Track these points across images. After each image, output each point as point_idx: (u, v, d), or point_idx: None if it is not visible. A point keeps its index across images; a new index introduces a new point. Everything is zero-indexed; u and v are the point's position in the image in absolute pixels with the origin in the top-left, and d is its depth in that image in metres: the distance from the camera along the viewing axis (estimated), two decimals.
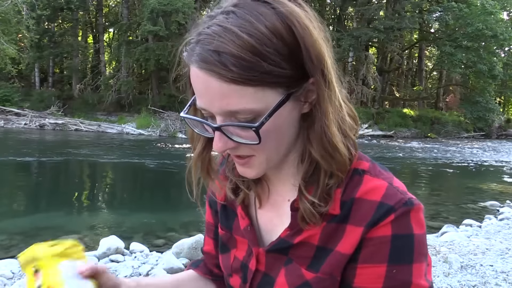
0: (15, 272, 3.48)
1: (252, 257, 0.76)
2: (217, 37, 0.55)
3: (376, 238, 0.62)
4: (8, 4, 20.93)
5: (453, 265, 3.68)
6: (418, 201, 0.65)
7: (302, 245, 0.68)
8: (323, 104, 0.60)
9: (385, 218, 0.62)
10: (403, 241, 0.62)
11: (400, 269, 0.61)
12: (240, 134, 0.60)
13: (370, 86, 29.51)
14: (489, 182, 10.78)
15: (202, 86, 0.57)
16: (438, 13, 27.89)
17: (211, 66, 0.55)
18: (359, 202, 0.64)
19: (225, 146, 0.61)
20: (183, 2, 21.39)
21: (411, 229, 0.63)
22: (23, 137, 16.97)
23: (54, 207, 6.51)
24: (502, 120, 32.90)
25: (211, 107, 0.58)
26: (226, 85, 0.55)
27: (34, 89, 27.31)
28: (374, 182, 0.65)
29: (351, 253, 0.64)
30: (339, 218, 0.65)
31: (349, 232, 0.64)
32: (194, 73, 0.58)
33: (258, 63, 0.54)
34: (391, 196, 0.63)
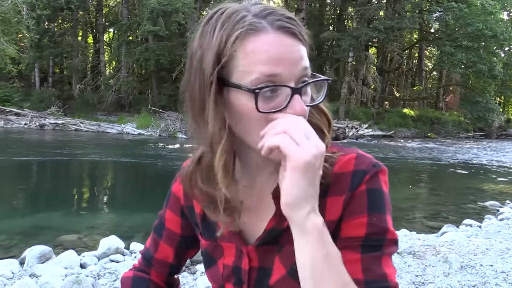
0: (15, 272, 3.48)
1: (243, 257, 0.77)
2: (281, 9, 0.66)
3: (356, 195, 0.71)
4: (8, 4, 20.92)
5: (453, 265, 3.68)
6: (383, 165, 0.74)
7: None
8: None
9: (363, 180, 0.71)
10: (376, 194, 0.71)
11: (378, 217, 0.70)
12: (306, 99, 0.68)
13: (370, 86, 29.50)
14: (489, 182, 10.78)
15: (286, 49, 0.64)
16: (438, 13, 27.88)
17: (296, 28, 0.65)
18: (335, 176, 0.72)
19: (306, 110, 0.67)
20: (183, 2, 21.39)
21: (381, 186, 0.72)
22: (23, 137, 16.97)
23: (54, 207, 6.51)
24: (502, 120, 32.88)
25: (293, 69, 0.64)
26: (304, 48, 0.66)
27: (34, 89, 27.31)
28: (344, 158, 0.74)
29: (337, 218, 0.71)
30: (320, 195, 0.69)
31: (332, 203, 0.72)
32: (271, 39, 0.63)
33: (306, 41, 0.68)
34: (361, 162, 0.73)
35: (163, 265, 0.94)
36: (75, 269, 3.55)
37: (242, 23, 0.63)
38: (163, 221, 0.93)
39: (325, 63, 31.11)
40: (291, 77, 0.64)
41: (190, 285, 3.29)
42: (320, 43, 30.21)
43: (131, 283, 0.92)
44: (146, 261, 0.96)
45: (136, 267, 0.98)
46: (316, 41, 29.34)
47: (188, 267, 3.74)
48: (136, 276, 0.94)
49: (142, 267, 0.96)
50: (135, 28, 25.98)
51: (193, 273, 3.61)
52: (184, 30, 24.16)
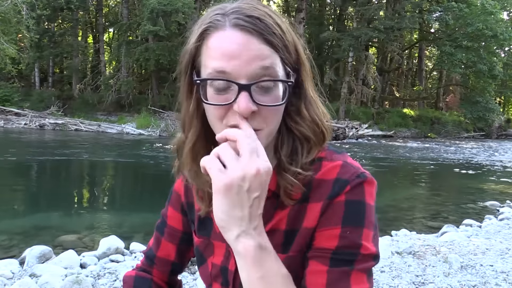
0: (15, 272, 3.48)
1: (230, 258, 0.78)
2: (258, 7, 0.65)
3: (333, 204, 0.70)
4: (8, 4, 20.92)
5: (453, 265, 3.68)
6: (372, 176, 0.72)
7: (273, 233, 0.72)
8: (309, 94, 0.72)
9: (343, 190, 0.70)
10: (355, 206, 0.69)
11: (352, 230, 0.68)
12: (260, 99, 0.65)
13: (370, 86, 29.50)
14: (489, 182, 10.78)
15: (239, 47, 0.63)
16: (438, 13, 27.88)
17: (254, 26, 0.63)
18: (318, 182, 0.72)
19: (251, 108, 0.64)
20: (183, 2, 21.38)
21: (363, 197, 0.70)
22: (23, 137, 16.96)
23: (54, 207, 6.51)
24: (502, 120, 32.89)
25: (242, 68, 0.63)
26: (266, 47, 0.64)
27: (34, 89, 27.31)
28: (330, 164, 0.73)
29: (314, 225, 0.71)
30: (301, 199, 0.71)
31: (311, 209, 0.71)
32: (226, 36, 0.63)
33: (286, 41, 0.66)
34: (346, 172, 0.72)
35: (165, 264, 0.94)
36: (75, 269, 3.55)
37: (208, 20, 0.66)
38: (165, 218, 0.93)
39: (325, 63, 31.10)
40: (242, 74, 0.63)
41: (190, 285, 3.29)
42: (320, 43, 30.22)
43: (133, 283, 0.92)
44: (149, 260, 0.96)
45: (138, 267, 0.98)
46: (316, 41, 29.39)
47: (188, 267, 3.74)
48: (138, 275, 0.94)
49: (145, 266, 0.96)
50: (135, 28, 25.98)
51: (193, 273, 3.61)
52: (184, 30, 24.14)
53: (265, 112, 0.65)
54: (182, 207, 0.90)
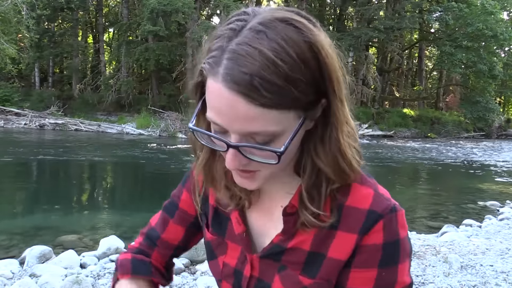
0: (15, 272, 3.48)
1: (246, 264, 0.76)
2: (250, 59, 0.54)
3: (369, 245, 0.67)
4: (8, 4, 20.92)
5: (453, 265, 3.68)
6: (400, 206, 0.70)
7: (294, 251, 0.71)
8: (338, 123, 0.63)
9: (375, 224, 0.67)
10: (392, 248, 0.68)
11: (388, 271, 0.68)
12: (254, 153, 0.60)
13: (370, 86, 29.51)
14: (489, 182, 10.78)
15: (226, 105, 0.56)
16: (438, 13, 27.88)
17: (242, 88, 0.54)
18: (349, 209, 0.68)
19: (240, 164, 0.61)
20: (183, 2, 21.38)
21: (398, 234, 0.68)
22: (23, 137, 16.96)
23: (54, 207, 6.51)
24: (502, 120, 32.89)
25: (230, 126, 0.57)
26: (254, 108, 0.54)
27: (34, 89, 27.31)
28: (362, 190, 0.69)
29: (346, 259, 0.68)
30: (329, 224, 0.68)
31: (340, 238, 0.68)
32: (216, 89, 0.56)
33: (289, 89, 0.55)
34: (378, 204, 0.68)
35: (169, 247, 0.90)
36: (75, 269, 3.55)
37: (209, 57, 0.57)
38: (177, 201, 0.88)
39: None
40: (233, 130, 0.58)
41: (190, 285, 3.29)
42: None
43: (132, 267, 0.85)
44: (149, 240, 0.91)
45: (134, 248, 0.92)
46: None
47: (188, 267, 3.74)
48: (136, 259, 0.88)
49: (143, 247, 0.91)
50: (135, 28, 25.99)
51: (193, 273, 3.61)
52: (184, 30, 24.16)
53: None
54: (194, 190, 0.85)
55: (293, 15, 0.60)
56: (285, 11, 0.60)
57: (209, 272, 3.58)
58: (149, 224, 0.94)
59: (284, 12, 0.59)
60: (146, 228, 0.93)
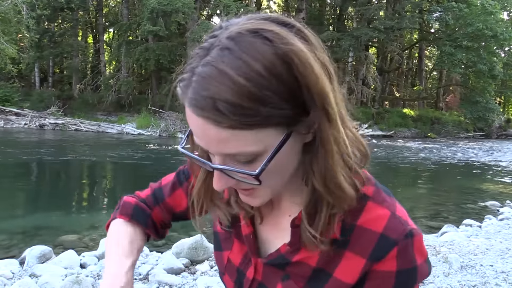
0: (15, 272, 3.48)
1: (250, 266, 0.75)
2: (211, 81, 0.51)
3: (381, 272, 0.63)
4: (8, 4, 20.93)
5: (453, 265, 3.68)
6: (418, 229, 0.65)
7: (299, 264, 0.69)
8: (325, 142, 0.56)
9: (388, 252, 0.62)
10: (406, 275, 0.64)
11: None
12: (236, 174, 0.58)
13: (370, 86, 29.51)
14: (489, 182, 10.78)
15: (198, 129, 0.55)
16: (438, 13, 27.89)
17: (206, 113, 0.52)
18: (360, 230, 0.64)
19: (226, 185, 0.60)
20: (183, 2, 21.38)
21: (414, 261, 0.63)
22: (23, 137, 16.96)
23: (54, 207, 6.51)
24: (502, 120, 32.91)
25: (209, 148, 0.56)
26: (223, 131, 0.52)
27: (34, 89, 27.31)
28: (377, 210, 0.65)
29: (353, 283, 0.65)
30: (338, 243, 0.65)
31: (348, 259, 0.65)
32: (188, 114, 0.55)
33: (256, 108, 0.51)
34: (393, 228, 0.63)
35: (170, 211, 0.90)
36: (75, 269, 3.55)
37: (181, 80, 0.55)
38: (191, 172, 0.83)
39: None
40: (212, 152, 0.57)
41: (190, 285, 3.29)
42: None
43: (132, 211, 0.88)
44: (154, 198, 0.91)
45: (140, 197, 0.92)
46: None
47: (188, 267, 3.74)
48: (138, 205, 0.89)
49: (148, 201, 0.91)
50: (135, 28, 25.99)
51: (193, 273, 3.61)
52: (184, 30, 24.17)
53: None
54: None
55: (266, 23, 0.54)
56: (258, 21, 0.54)
57: (209, 272, 3.58)
58: (160, 181, 0.93)
59: (257, 22, 0.54)
60: (156, 184, 0.93)
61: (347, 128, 0.60)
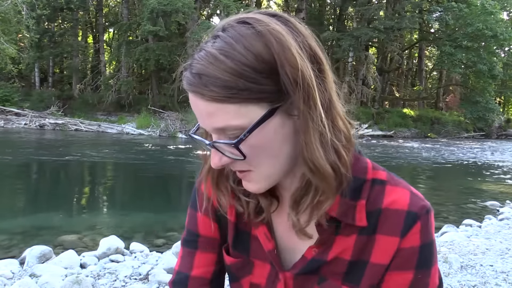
0: (15, 272, 3.48)
1: (278, 282, 0.72)
2: (200, 61, 0.58)
3: (406, 248, 0.67)
4: (8, 4, 20.93)
5: (453, 265, 3.68)
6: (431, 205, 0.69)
7: (335, 261, 0.69)
8: (302, 121, 0.59)
9: (413, 226, 0.66)
10: (428, 250, 0.68)
11: (424, 273, 0.68)
12: (230, 151, 0.61)
13: (370, 86, 29.50)
14: (489, 182, 10.78)
15: (193, 106, 0.61)
16: (438, 13, 27.89)
17: (194, 87, 0.58)
18: (386, 212, 0.67)
19: (220, 162, 0.62)
20: (183, 2, 21.38)
21: (432, 235, 0.68)
22: (23, 137, 16.96)
23: (54, 207, 6.51)
24: (502, 120, 32.89)
25: (204, 125, 0.62)
26: (209, 104, 0.58)
27: (34, 89, 27.30)
28: (397, 191, 0.68)
29: (388, 262, 0.68)
30: (367, 229, 0.67)
31: (380, 242, 0.67)
32: (189, 96, 0.61)
33: (236, 81, 0.56)
34: (415, 204, 0.67)
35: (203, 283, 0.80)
36: (75, 269, 3.55)
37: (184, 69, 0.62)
38: (195, 229, 0.80)
39: None
40: (207, 130, 0.63)
41: None
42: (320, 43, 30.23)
43: None
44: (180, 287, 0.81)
45: None
46: None
47: None
48: None
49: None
50: (135, 28, 25.99)
51: None
52: (184, 30, 24.16)
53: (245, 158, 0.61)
54: (214, 212, 0.78)
55: (255, 14, 0.60)
56: (247, 14, 0.61)
57: None
58: (173, 272, 0.84)
59: (246, 15, 0.60)
60: (172, 277, 0.83)
61: (335, 111, 0.63)
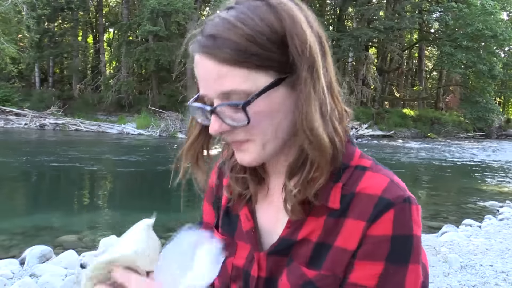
0: (15, 272, 3.48)
1: (254, 263, 0.73)
2: (215, 26, 0.61)
3: (376, 236, 0.62)
4: (8, 4, 20.93)
5: (453, 265, 3.68)
6: (416, 201, 0.65)
7: (303, 243, 0.67)
8: (305, 91, 0.61)
9: (385, 213, 0.62)
10: (403, 242, 0.62)
11: (397, 269, 0.62)
12: (232, 117, 0.62)
13: (370, 86, 29.51)
14: (489, 182, 10.78)
15: (201, 69, 0.63)
16: (438, 13, 27.90)
17: (208, 49, 0.61)
18: (359, 196, 0.65)
19: (220, 129, 0.63)
20: (183, 2, 21.38)
21: (411, 228, 0.62)
22: (23, 137, 16.96)
23: (54, 207, 6.51)
24: (502, 120, 32.87)
25: (209, 90, 0.63)
26: (221, 66, 0.60)
27: (34, 89, 27.29)
28: (375, 178, 0.66)
29: (353, 249, 0.63)
30: (338, 212, 0.65)
31: (349, 226, 0.64)
32: (196, 60, 0.63)
33: (249, 46, 0.59)
34: (391, 191, 0.64)
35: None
36: (75, 269, 3.55)
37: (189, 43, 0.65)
38: (202, 215, 0.87)
39: None
40: (213, 96, 0.62)
41: None
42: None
43: None
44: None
45: None
46: None
47: None
48: None
49: None
50: (135, 28, 25.97)
51: None
52: (184, 30, 24.15)
53: (244, 127, 0.63)
54: (215, 200, 0.84)
55: None
56: None
57: None
58: None
59: None
60: None
61: (334, 93, 0.66)
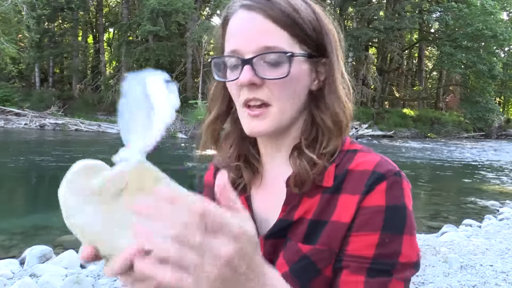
0: (15, 272, 3.48)
1: None
2: None
3: (370, 207, 0.65)
4: (8, 4, 20.93)
5: (453, 265, 3.68)
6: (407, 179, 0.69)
7: (299, 222, 0.69)
8: (335, 78, 0.71)
9: (377, 184, 0.65)
10: (396, 212, 0.65)
11: (392, 238, 0.64)
12: (265, 72, 0.66)
13: (370, 86, 29.52)
14: (489, 182, 10.78)
15: (246, 23, 0.66)
16: (438, 13, 27.90)
17: (261, 5, 0.66)
18: (352, 172, 0.68)
19: (252, 79, 0.65)
20: (183, 2, 21.39)
21: (403, 199, 0.66)
22: (23, 137, 16.97)
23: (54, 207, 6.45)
24: (502, 120, 32.90)
25: (249, 43, 0.66)
26: (269, 23, 0.65)
27: (34, 89, 27.32)
28: (366, 156, 0.70)
29: (348, 221, 0.66)
30: (332, 189, 0.68)
31: (343, 201, 0.67)
32: (237, 18, 0.68)
33: (298, 17, 0.67)
34: (382, 166, 0.68)
35: None
36: (75, 269, 3.55)
37: (227, 8, 0.71)
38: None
39: None
40: (249, 50, 0.65)
41: None
42: None
43: None
44: None
45: None
46: None
47: None
48: None
49: None
50: (135, 28, 26.00)
51: None
52: (184, 30, 24.18)
53: (271, 86, 0.66)
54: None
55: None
56: None
57: None
58: None
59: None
60: None
61: (344, 83, 0.75)
